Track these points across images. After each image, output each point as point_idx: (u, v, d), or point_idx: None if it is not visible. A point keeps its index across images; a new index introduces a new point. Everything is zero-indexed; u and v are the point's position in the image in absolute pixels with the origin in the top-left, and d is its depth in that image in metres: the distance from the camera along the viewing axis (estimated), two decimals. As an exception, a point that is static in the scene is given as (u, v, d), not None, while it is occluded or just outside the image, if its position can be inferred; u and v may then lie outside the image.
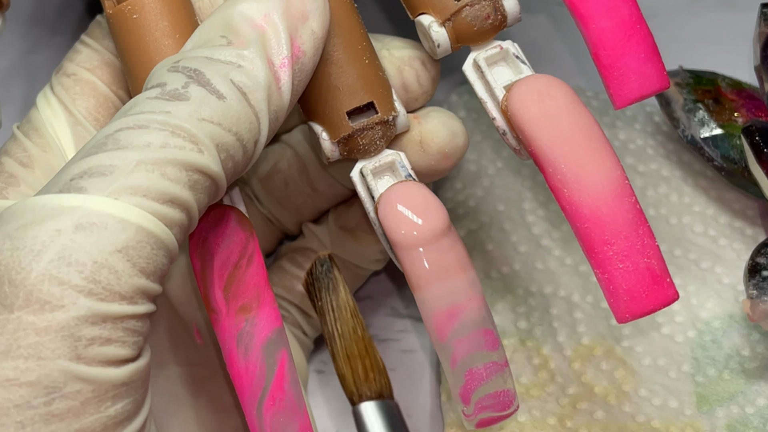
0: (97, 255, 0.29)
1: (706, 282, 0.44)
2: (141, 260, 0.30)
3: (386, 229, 0.34)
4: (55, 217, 0.29)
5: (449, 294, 0.34)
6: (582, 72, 0.51)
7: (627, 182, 0.34)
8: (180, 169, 0.30)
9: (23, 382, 0.28)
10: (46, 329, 0.28)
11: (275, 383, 0.34)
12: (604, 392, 0.42)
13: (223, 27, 0.33)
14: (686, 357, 0.43)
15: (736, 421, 0.41)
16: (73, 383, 0.29)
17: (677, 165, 0.48)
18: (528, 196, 0.47)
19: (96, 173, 0.30)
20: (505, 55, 0.36)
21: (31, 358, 0.28)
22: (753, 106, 0.46)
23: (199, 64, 0.32)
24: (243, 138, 0.32)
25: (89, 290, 0.29)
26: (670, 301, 0.34)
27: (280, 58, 0.33)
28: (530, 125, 0.34)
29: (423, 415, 0.43)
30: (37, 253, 0.29)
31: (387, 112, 0.36)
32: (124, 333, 0.29)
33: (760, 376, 0.42)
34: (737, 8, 0.53)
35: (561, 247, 0.45)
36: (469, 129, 0.49)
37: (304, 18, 0.34)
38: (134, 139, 0.30)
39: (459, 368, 0.34)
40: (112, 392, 0.29)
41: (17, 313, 0.28)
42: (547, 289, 0.44)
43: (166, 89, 0.31)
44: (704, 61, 0.49)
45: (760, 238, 0.45)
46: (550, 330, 0.43)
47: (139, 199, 0.30)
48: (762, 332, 0.43)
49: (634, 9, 0.35)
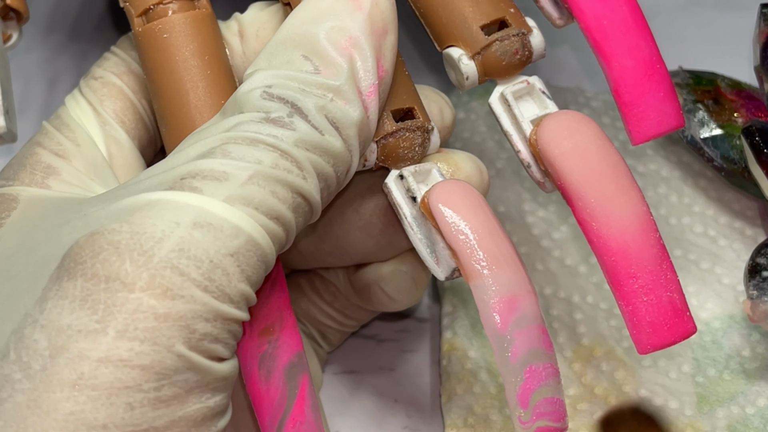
0: (213, 254, 0.30)
1: (706, 282, 0.44)
2: (248, 268, 0.30)
3: (438, 216, 0.34)
4: (172, 210, 0.30)
5: (509, 282, 0.33)
6: (582, 72, 0.51)
7: (651, 217, 0.34)
8: (287, 190, 0.31)
9: (137, 364, 0.29)
10: (165, 316, 0.29)
11: (296, 407, 0.34)
12: (605, 393, 0.42)
13: (306, 48, 0.33)
14: (686, 357, 0.43)
15: (736, 422, 0.41)
16: (182, 372, 0.29)
17: (677, 165, 0.48)
18: (528, 198, 0.47)
19: (209, 177, 0.31)
20: (531, 90, 0.36)
21: (146, 341, 0.29)
22: (753, 106, 0.46)
23: (295, 93, 0.32)
24: (338, 169, 0.33)
25: (205, 287, 0.30)
26: (689, 334, 0.34)
27: (368, 85, 0.33)
28: (561, 159, 0.34)
29: (423, 415, 0.43)
30: (159, 240, 0.29)
31: (427, 120, 0.36)
32: (228, 334, 0.30)
33: (761, 377, 0.42)
34: (737, 8, 0.53)
35: (561, 249, 0.45)
36: (469, 130, 0.49)
37: (386, 32, 0.34)
38: (245, 154, 0.31)
39: (519, 363, 0.33)
40: (213, 385, 0.30)
41: (138, 293, 0.29)
42: (547, 290, 0.44)
43: (271, 116, 0.32)
44: (704, 61, 0.49)
45: (760, 239, 0.45)
46: (550, 331, 0.43)
47: (251, 210, 0.31)
48: (762, 333, 0.43)
49: (654, 49, 0.36)
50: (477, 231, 0.34)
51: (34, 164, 0.36)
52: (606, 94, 0.50)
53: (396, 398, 0.43)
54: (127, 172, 0.37)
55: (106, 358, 0.29)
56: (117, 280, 0.29)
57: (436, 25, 0.37)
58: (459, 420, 0.42)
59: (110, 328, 0.29)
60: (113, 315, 0.29)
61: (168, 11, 0.36)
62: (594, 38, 0.36)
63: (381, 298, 0.40)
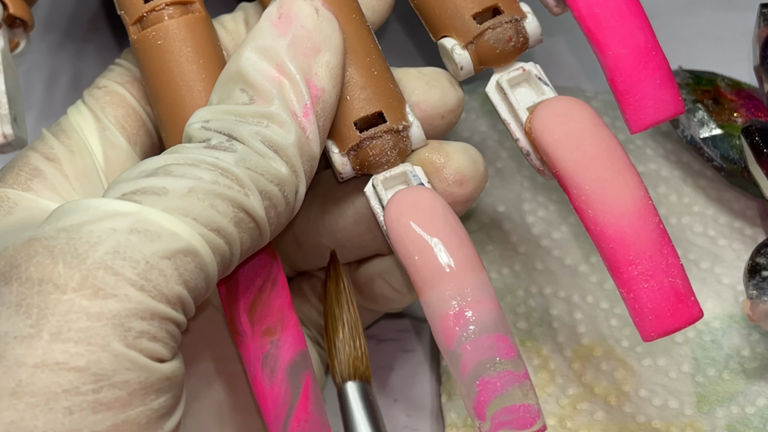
0: (150, 256, 0.30)
1: (705, 282, 0.44)
2: (186, 273, 0.31)
3: (389, 232, 0.34)
4: (110, 217, 0.30)
5: (456, 296, 0.33)
6: (582, 71, 0.51)
7: (650, 202, 0.34)
8: (228, 204, 0.32)
9: (72, 366, 0.28)
10: (98, 315, 0.29)
11: (300, 405, 0.34)
12: (604, 393, 0.42)
13: (241, 81, 0.34)
14: (686, 357, 0.43)
15: (736, 422, 0.41)
16: (121, 373, 0.29)
17: (676, 165, 0.48)
18: (528, 197, 0.47)
19: (149, 192, 0.31)
20: (527, 77, 0.36)
21: (81, 342, 0.29)
22: (752, 106, 0.46)
23: (231, 125, 0.33)
24: (284, 189, 0.33)
25: (141, 286, 0.29)
26: (695, 319, 0.34)
27: (301, 107, 0.34)
28: (554, 147, 0.34)
29: (423, 415, 0.43)
30: (93, 245, 0.30)
31: (396, 121, 0.35)
32: (166, 334, 0.30)
33: (760, 376, 0.42)
34: (737, 8, 0.53)
35: (561, 248, 0.45)
36: (469, 129, 0.49)
37: (316, 52, 0.34)
38: (186, 172, 0.32)
39: (470, 377, 0.33)
40: (157, 385, 0.30)
41: (70, 294, 0.29)
42: (547, 290, 0.44)
43: (211, 143, 0.33)
44: (704, 61, 0.49)
45: (759, 239, 0.45)
46: (549, 331, 0.43)
47: (189, 220, 0.31)
48: (762, 332, 0.43)
49: (649, 36, 0.35)
50: (421, 250, 0.33)
51: (21, 165, 0.36)
52: (606, 93, 0.50)
53: (396, 398, 0.43)
54: None
55: (42, 363, 0.28)
56: (50, 283, 0.29)
57: (430, 15, 0.37)
58: (459, 420, 0.42)
59: (44, 332, 0.29)
60: (46, 318, 0.29)
61: (162, 17, 0.36)
62: (587, 27, 0.35)
63: (386, 292, 0.40)
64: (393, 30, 0.36)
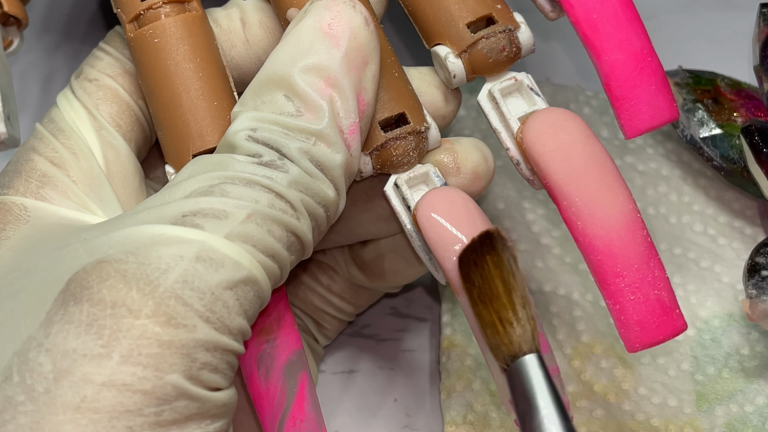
0: (215, 287, 0.31)
1: (705, 281, 0.44)
2: (246, 302, 0.31)
3: (426, 235, 0.34)
4: (176, 244, 0.31)
5: None
6: (580, 72, 0.51)
7: (639, 215, 0.34)
8: (283, 229, 0.32)
9: (138, 389, 0.29)
10: (168, 343, 0.30)
11: (296, 405, 0.35)
12: (604, 390, 0.42)
13: (287, 88, 0.34)
14: (685, 355, 0.43)
15: (735, 420, 0.41)
16: (182, 399, 0.30)
17: (677, 164, 0.48)
18: (528, 195, 0.47)
19: (210, 215, 0.31)
20: (519, 87, 0.36)
21: (149, 367, 0.29)
22: (752, 105, 0.46)
23: (279, 138, 0.33)
24: (329, 210, 0.34)
25: (207, 318, 0.30)
26: (679, 332, 0.34)
27: (348, 124, 0.34)
28: (545, 158, 0.34)
29: (423, 415, 0.43)
30: (163, 272, 0.30)
31: (419, 123, 0.36)
32: (226, 366, 0.31)
33: (760, 375, 0.42)
34: (737, 8, 0.53)
35: (560, 246, 0.45)
36: (470, 127, 0.49)
37: (365, 64, 0.34)
38: (243, 194, 0.32)
39: None
40: (213, 411, 0.31)
41: (143, 320, 0.30)
42: (546, 287, 0.44)
43: (263, 159, 0.33)
44: (703, 61, 0.49)
45: (759, 238, 0.45)
46: (549, 328, 0.43)
47: (249, 247, 0.31)
48: (761, 331, 0.43)
49: (645, 42, 0.36)
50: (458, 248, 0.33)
51: (29, 171, 0.36)
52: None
53: (396, 397, 0.43)
54: (123, 179, 0.37)
55: (109, 382, 0.29)
56: (123, 307, 0.30)
57: (424, 23, 0.37)
58: (458, 417, 0.42)
59: (115, 353, 0.29)
60: (118, 340, 0.29)
61: (159, 16, 0.36)
62: (583, 32, 0.36)
63: (397, 265, 0.40)
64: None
